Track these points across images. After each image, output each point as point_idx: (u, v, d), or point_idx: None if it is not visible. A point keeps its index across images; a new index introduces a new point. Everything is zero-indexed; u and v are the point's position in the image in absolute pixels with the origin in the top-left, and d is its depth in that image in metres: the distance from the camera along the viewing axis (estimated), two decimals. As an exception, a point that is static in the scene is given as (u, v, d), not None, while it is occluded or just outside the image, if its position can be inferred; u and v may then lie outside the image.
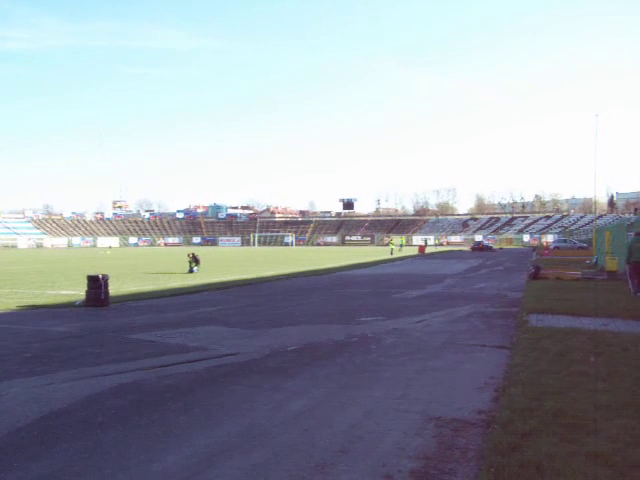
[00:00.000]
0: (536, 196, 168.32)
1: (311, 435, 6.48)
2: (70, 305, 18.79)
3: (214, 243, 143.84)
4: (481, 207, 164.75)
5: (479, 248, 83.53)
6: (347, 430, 6.63)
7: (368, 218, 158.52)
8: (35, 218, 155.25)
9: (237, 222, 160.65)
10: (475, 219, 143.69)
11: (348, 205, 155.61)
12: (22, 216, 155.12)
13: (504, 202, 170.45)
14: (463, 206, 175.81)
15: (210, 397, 8.13)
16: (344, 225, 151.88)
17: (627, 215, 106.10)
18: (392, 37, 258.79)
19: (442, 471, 5.40)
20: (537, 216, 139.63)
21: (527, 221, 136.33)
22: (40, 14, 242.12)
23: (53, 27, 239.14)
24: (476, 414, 7.09)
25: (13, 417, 7.21)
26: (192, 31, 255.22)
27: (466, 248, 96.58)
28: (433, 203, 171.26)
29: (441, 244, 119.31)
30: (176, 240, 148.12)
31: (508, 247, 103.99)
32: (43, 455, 5.95)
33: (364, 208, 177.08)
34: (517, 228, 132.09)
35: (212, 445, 6.20)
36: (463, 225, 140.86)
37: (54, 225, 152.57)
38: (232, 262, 50.37)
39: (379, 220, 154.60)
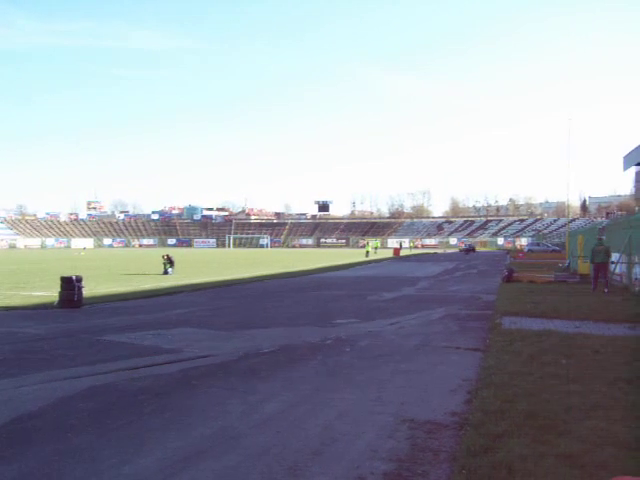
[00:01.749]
0: (510, 199, 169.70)
1: (284, 437, 6.48)
2: (42, 306, 18.61)
3: (189, 245, 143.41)
4: (456, 210, 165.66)
5: (467, 250, 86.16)
6: (320, 432, 6.64)
7: (343, 220, 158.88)
8: (8, 218, 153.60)
9: (212, 224, 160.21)
10: (450, 222, 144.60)
11: (323, 207, 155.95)
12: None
13: (478, 205, 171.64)
14: (438, 209, 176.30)
15: (184, 399, 8.09)
16: (319, 227, 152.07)
17: (599, 219, 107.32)
18: (369, 41, 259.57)
19: (415, 473, 5.43)
20: (511, 219, 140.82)
21: (501, 224, 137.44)
22: (15, 13, 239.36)
23: (28, 26, 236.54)
24: (449, 416, 7.13)
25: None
26: (169, 32, 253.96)
27: (440, 251, 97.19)
28: (408, 206, 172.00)
29: (416, 247, 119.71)
30: (151, 241, 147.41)
31: (482, 250, 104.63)
32: (13, 458, 5.89)
33: (339, 210, 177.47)
34: (491, 231, 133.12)
35: (185, 447, 6.18)
36: (438, 228, 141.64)
37: (27, 226, 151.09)
38: (207, 264, 50.21)
39: (354, 223, 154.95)
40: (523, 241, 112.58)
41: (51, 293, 21.15)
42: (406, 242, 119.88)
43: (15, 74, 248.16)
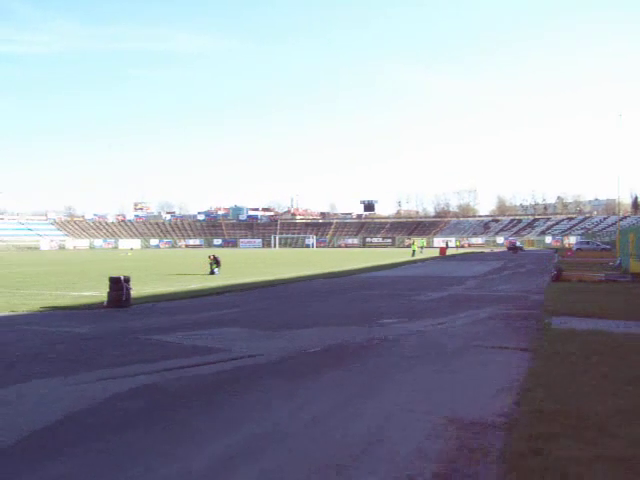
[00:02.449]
0: (558, 197, 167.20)
1: (331, 437, 6.46)
2: (92, 306, 18.89)
3: (235, 245, 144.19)
4: (502, 209, 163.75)
5: (513, 248, 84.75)
6: (367, 433, 6.60)
7: (389, 220, 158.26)
8: (57, 220, 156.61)
9: (258, 224, 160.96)
10: (496, 221, 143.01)
11: (369, 207, 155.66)
12: (45, 218, 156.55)
13: (526, 204, 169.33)
14: (484, 208, 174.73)
15: (231, 399, 8.13)
16: (365, 227, 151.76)
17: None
18: (407, 39, 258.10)
19: (464, 474, 5.36)
20: (559, 217, 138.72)
21: (549, 223, 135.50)
22: (55, 18, 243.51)
23: (67, 31, 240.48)
24: (497, 417, 7.03)
25: (35, 417, 7.25)
26: (206, 33, 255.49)
27: (487, 250, 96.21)
28: (454, 205, 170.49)
29: (462, 246, 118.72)
30: (197, 242, 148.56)
31: (530, 249, 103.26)
32: (64, 456, 5.98)
33: (385, 210, 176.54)
34: (539, 230, 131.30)
35: (233, 446, 6.20)
36: (484, 227, 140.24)
37: (76, 227, 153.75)
38: (253, 264, 50.46)
39: (400, 222, 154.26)
40: (571, 240, 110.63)
41: (99, 293, 21.46)
42: (452, 241, 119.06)
43: (59, 77, 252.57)
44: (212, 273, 33.95)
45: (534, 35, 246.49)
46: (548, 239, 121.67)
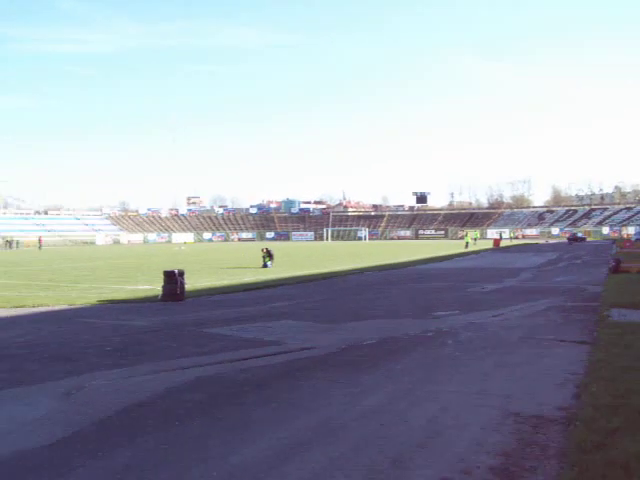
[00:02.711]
0: (616, 187, 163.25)
1: (388, 430, 6.45)
2: (147, 300, 19.18)
3: (287, 238, 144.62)
4: (557, 199, 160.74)
5: (574, 239, 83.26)
6: (424, 425, 6.58)
7: (442, 211, 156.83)
8: (112, 215, 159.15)
9: (310, 217, 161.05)
10: (551, 211, 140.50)
11: (421, 199, 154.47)
12: (100, 213, 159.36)
13: (582, 194, 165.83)
14: (539, 198, 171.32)
15: (287, 391, 8.18)
16: (417, 219, 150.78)
17: None
18: (468, 28, 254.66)
19: (522, 468, 5.29)
20: (617, 207, 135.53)
21: (606, 213, 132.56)
22: (116, 17, 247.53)
23: (128, 29, 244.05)
24: (556, 411, 6.92)
25: (96, 408, 7.41)
26: (261, 27, 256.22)
27: (542, 241, 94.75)
28: (508, 196, 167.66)
29: (516, 237, 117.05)
30: (249, 235, 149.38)
31: (586, 240, 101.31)
32: (126, 445, 6.09)
33: (437, 201, 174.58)
34: (596, 220, 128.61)
35: (290, 438, 6.24)
36: (539, 218, 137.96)
37: (130, 221, 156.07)
38: (305, 257, 50.60)
39: (453, 213, 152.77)
40: (630, 230, 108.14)
41: (154, 287, 21.76)
42: (506, 232, 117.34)
43: (118, 75, 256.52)
44: (265, 266, 34.14)
45: (594, 29, 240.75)
46: (605, 230, 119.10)
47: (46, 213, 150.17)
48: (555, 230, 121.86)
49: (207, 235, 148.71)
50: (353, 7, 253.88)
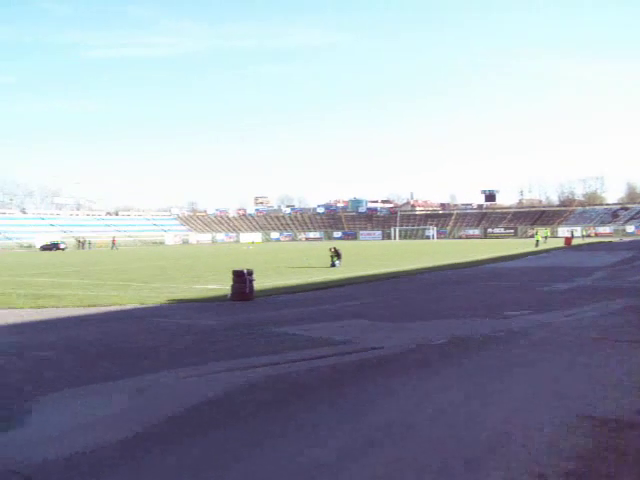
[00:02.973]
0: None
1: (458, 430, 6.36)
2: (216, 299, 19.40)
3: (354, 237, 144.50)
4: (632, 196, 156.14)
5: None
6: (495, 426, 6.46)
7: (511, 210, 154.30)
8: (181, 215, 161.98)
9: (377, 216, 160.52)
10: (626, 209, 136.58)
11: (490, 197, 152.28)
12: (169, 213, 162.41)
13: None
14: (612, 195, 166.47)
15: (356, 390, 8.15)
16: (486, 217, 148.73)
17: None
18: (545, 26, 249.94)
19: (599, 474, 5.15)
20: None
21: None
22: (183, 20, 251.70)
23: (195, 32, 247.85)
24: (635, 415, 6.71)
25: (168, 405, 7.54)
26: (326, 27, 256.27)
27: (616, 239, 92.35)
28: (579, 193, 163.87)
29: (588, 235, 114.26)
30: (317, 235, 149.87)
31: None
32: (198, 442, 6.18)
33: (506, 199, 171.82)
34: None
35: (359, 437, 6.21)
36: (612, 215, 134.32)
37: (199, 221, 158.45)
38: (373, 256, 50.39)
39: (522, 211, 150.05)
40: None
41: (223, 286, 21.97)
42: (578, 231, 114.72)
43: (186, 78, 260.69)
44: (333, 265, 34.15)
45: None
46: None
47: (117, 214, 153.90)
48: (630, 228, 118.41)
49: (275, 235, 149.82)
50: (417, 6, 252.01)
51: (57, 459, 5.74)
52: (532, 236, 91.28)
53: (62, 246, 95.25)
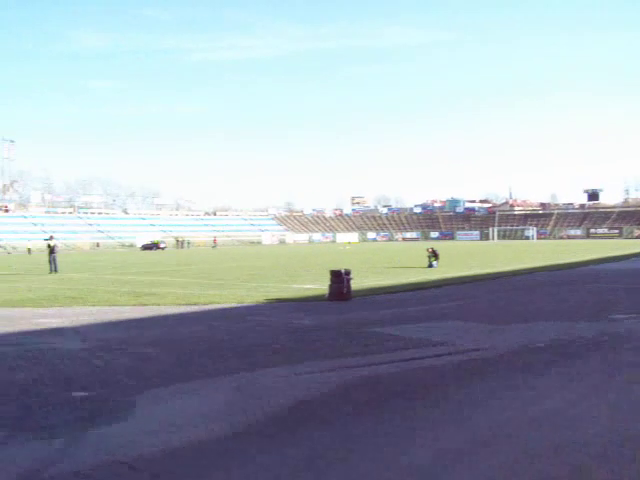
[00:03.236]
0: None
1: (564, 436, 6.13)
2: (314, 298, 19.48)
3: (452, 237, 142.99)
4: None
5: None
6: (604, 432, 6.22)
7: (615, 209, 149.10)
8: (278, 215, 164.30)
9: (475, 216, 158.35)
10: None
11: (593, 196, 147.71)
12: (266, 213, 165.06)
13: None
14: None
15: (456, 392, 8.01)
16: (588, 217, 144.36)
17: None
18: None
19: None
20: None
21: None
22: (278, 22, 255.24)
23: (290, 33, 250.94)
24: None
25: (267, 404, 7.59)
26: (421, 26, 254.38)
27: None
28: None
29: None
30: (413, 235, 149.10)
31: None
32: (295, 442, 6.18)
33: (610, 199, 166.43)
34: None
35: (460, 440, 6.08)
36: None
37: (295, 221, 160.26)
38: (471, 257, 49.64)
39: (628, 211, 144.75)
40: None
41: (320, 286, 22.05)
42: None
43: (281, 79, 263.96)
44: (430, 266, 33.85)
45: None
46: None
47: (215, 214, 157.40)
48: None
49: (371, 235, 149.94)
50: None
51: (160, 452, 5.88)
52: (639, 237, 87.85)
53: (162, 245, 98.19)
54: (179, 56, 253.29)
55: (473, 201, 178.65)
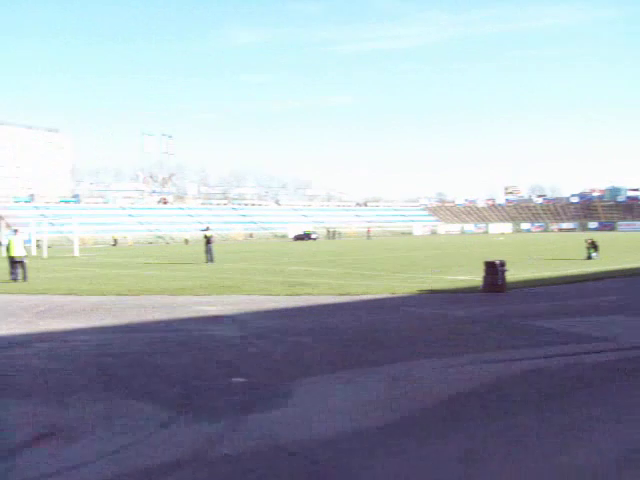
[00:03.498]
0: None
1: None
2: (467, 290, 19.21)
3: (612, 228, 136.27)
4: None
5: None
6: None
7: None
8: (429, 205, 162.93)
9: (638, 205, 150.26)
10: None
11: None
12: (417, 204, 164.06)
13: None
14: None
15: (618, 392, 7.66)
16: None
17: None
18: None
19: None
20: None
21: None
22: (428, 10, 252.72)
23: (440, 21, 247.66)
24: None
25: (422, 396, 7.58)
26: (579, 6, 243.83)
27: None
28: None
29: None
30: (570, 225, 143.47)
31: None
32: (454, 434, 6.14)
33: None
34: None
35: (626, 443, 5.83)
36: None
37: (447, 212, 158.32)
38: (633, 249, 47.14)
39: None
40: None
41: (473, 277, 21.72)
42: None
43: (429, 68, 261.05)
44: (589, 258, 32.49)
45: None
46: None
47: (365, 205, 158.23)
48: None
49: (525, 225, 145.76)
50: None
51: (319, 439, 6.01)
52: None
53: (314, 236, 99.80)
54: (327, 48, 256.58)
55: (636, 189, 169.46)
